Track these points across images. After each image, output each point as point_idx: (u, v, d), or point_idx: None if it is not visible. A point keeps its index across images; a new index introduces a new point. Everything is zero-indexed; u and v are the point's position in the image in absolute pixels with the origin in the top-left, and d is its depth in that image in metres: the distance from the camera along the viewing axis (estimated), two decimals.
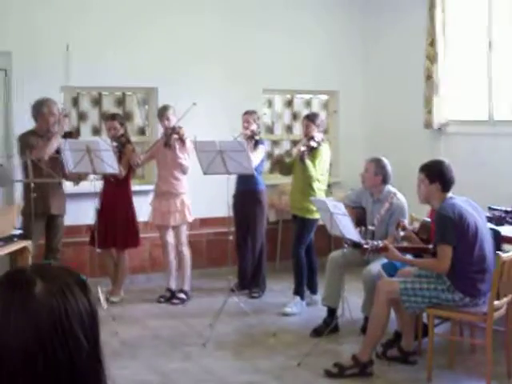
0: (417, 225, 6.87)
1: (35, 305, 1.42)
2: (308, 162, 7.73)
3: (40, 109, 7.92)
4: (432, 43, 9.11)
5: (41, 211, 7.68)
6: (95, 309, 1.52)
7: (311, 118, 8.08)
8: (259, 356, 6.65)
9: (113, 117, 8.55)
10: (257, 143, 8.44)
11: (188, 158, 8.29)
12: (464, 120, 9.18)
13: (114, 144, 7.98)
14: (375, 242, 6.00)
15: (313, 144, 7.82)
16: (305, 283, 8.17)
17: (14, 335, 1.41)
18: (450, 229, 5.68)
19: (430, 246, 6.05)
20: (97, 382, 1.48)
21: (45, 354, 1.40)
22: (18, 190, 8.17)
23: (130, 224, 8.45)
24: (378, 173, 7.15)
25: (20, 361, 1.40)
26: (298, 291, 8.14)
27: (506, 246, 6.62)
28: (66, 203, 8.19)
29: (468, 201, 5.96)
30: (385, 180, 7.18)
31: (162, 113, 8.38)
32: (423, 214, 6.96)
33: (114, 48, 9.12)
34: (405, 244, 6.33)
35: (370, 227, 6.80)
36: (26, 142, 7.81)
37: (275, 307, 8.19)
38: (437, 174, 5.95)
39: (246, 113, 8.60)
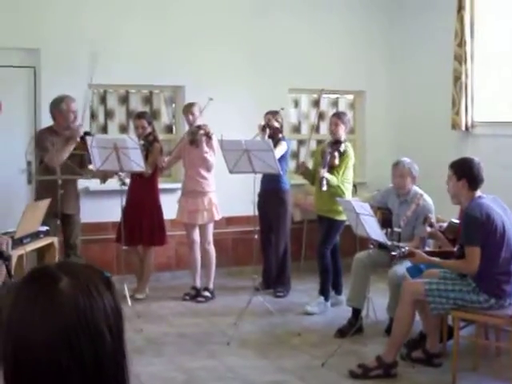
0: (445, 225, 6.83)
1: (61, 300, 1.43)
2: (330, 179, 7.67)
3: (58, 106, 7.97)
4: (460, 44, 9.07)
5: (54, 210, 7.64)
6: (120, 305, 1.53)
7: (340, 116, 8.07)
8: (283, 356, 6.65)
9: (140, 115, 8.58)
10: (279, 140, 8.43)
11: (213, 155, 8.30)
12: (491, 121, 9.13)
13: (142, 142, 8.01)
14: (402, 249, 5.97)
15: (336, 162, 7.77)
16: (330, 284, 8.16)
17: (39, 330, 1.42)
18: (477, 229, 5.66)
19: (455, 249, 6.03)
20: (121, 377, 1.49)
21: (70, 349, 1.41)
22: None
23: (156, 222, 8.48)
24: (412, 175, 7.16)
25: (45, 355, 1.42)
26: (323, 292, 8.13)
27: None
28: (79, 201, 8.22)
29: (496, 200, 5.93)
30: (413, 181, 7.17)
31: (187, 108, 8.41)
32: (449, 215, 6.91)
33: (141, 46, 9.16)
34: (429, 245, 6.30)
35: (396, 229, 6.78)
36: (42, 142, 7.83)
37: (300, 307, 8.19)
38: (465, 171, 5.92)
39: (268, 113, 8.59)
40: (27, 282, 1.50)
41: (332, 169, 7.78)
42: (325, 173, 7.65)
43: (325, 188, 7.62)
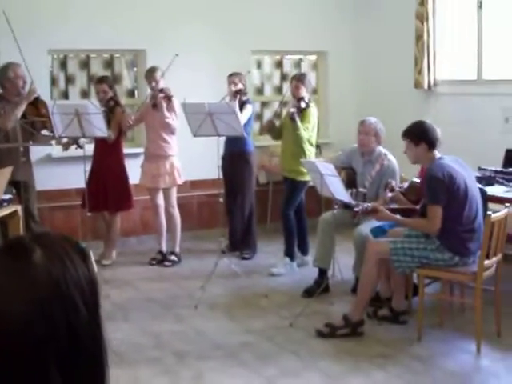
0: (406, 185, 6.88)
1: (34, 272, 1.42)
2: (299, 123, 7.70)
3: (6, 74, 7.88)
4: (422, 2, 9.07)
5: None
6: (95, 277, 1.52)
7: (300, 79, 8.03)
8: (251, 317, 6.70)
9: (101, 80, 8.49)
10: (244, 103, 8.40)
11: (176, 118, 8.26)
12: (453, 80, 9.17)
13: (103, 107, 7.94)
14: (365, 205, 6.03)
15: (302, 105, 7.79)
16: (295, 244, 8.19)
17: (13, 303, 1.41)
18: (439, 190, 5.70)
19: (418, 207, 6.08)
20: (95, 347, 1.49)
21: (45, 320, 1.41)
22: None
23: (122, 187, 8.44)
24: (376, 134, 7.15)
25: (19, 328, 1.41)
26: (288, 252, 8.17)
27: (494, 206, 6.64)
28: (32, 168, 8.14)
29: (457, 160, 5.97)
30: (378, 141, 7.18)
31: (150, 74, 8.33)
32: (413, 174, 6.97)
33: (101, 9, 9.03)
34: (393, 205, 6.34)
35: (362, 189, 6.82)
36: None
37: (266, 268, 8.22)
38: (421, 135, 5.94)
39: (232, 75, 8.54)
40: (1, 253, 1.49)
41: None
42: (294, 109, 7.69)
43: (297, 119, 7.63)
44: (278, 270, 8.09)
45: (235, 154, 8.56)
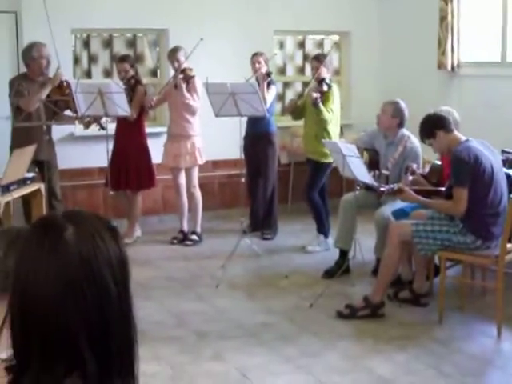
0: (427, 168, 6.86)
1: (65, 249, 1.44)
2: (322, 108, 7.67)
3: (30, 53, 7.90)
4: None
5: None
6: (125, 255, 1.54)
7: (320, 59, 7.99)
8: (271, 297, 6.72)
9: (123, 59, 8.49)
10: (269, 84, 8.38)
11: (197, 98, 8.25)
12: (477, 62, 9.10)
13: (124, 87, 7.95)
14: (391, 185, 6.01)
15: (324, 88, 7.75)
16: (326, 221, 8.17)
17: (44, 278, 1.43)
18: (465, 171, 5.67)
19: (443, 189, 6.06)
20: (126, 325, 1.50)
21: (74, 296, 1.43)
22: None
23: (144, 166, 8.46)
24: (395, 115, 7.10)
25: (51, 309, 1.43)
26: (321, 230, 8.18)
27: None
28: (54, 147, 8.17)
29: (484, 143, 5.94)
30: (401, 123, 7.14)
31: (172, 54, 8.32)
32: (435, 157, 6.94)
33: None
34: (419, 187, 6.32)
35: (384, 171, 6.79)
36: (16, 87, 7.76)
37: (287, 249, 8.25)
38: (432, 128, 5.92)
39: (256, 54, 8.50)
40: (33, 231, 1.51)
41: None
42: (317, 94, 7.64)
43: (321, 106, 7.60)
44: (312, 247, 8.11)
45: (258, 135, 8.55)
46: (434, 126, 5.93)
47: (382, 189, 6.03)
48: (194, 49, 7.84)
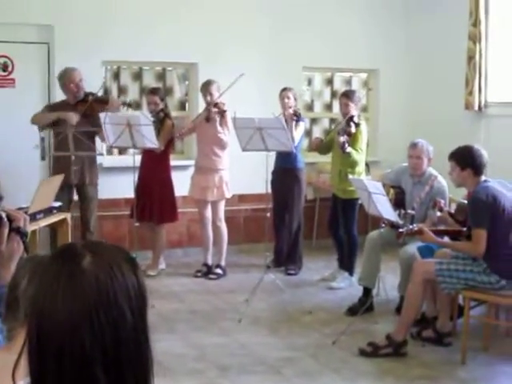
0: (454, 207, 6.84)
1: (82, 278, 1.46)
2: (351, 151, 7.67)
3: (62, 80, 8.10)
4: (475, 23, 9.02)
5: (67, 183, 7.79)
6: (144, 288, 1.54)
7: (348, 96, 8.02)
8: (294, 333, 6.70)
9: (153, 91, 8.58)
10: (297, 120, 8.42)
11: (228, 133, 8.30)
12: (505, 102, 9.10)
13: (152, 119, 8.02)
14: (410, 226, 6.00)
15: (352, 130, 7.73)
16: (355, 260, 8.14)
17: (61, 307, 1.45)
18: (483, 212, 5.67)
19: (464, 229, 6.04)
20: (141, 355, 1.51)
21: (91, 326, 1.44)
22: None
23: (167, 199, 8.50)
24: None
25: (66, 332, 1.44)
26: (348, 267, 8.16)
27: None
28: (95, 174, 8.31)
29: (502, 182, 5.93)
30: (428, 162, 7.15)
31: (206, 88, 8.37)
32: (461, 195, 6.93)
33: (155, 22, 9.14)
34: (440, 227, 6.30)
35: (410, 211, 6.77)
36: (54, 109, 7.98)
37: (311, 285, 8.23)
38: (468, 161, 5.91)
39: (285, 89, 8.54)
40: (53, 258, 1.53)
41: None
42: (344, 137, 7.63)
43: (348, 150, 7.60)
44: (337, 283, 8.09)
45: (286, 170, 8.58)
46: (470, 160, 5.90)
47: (400, 230, 6.01)
48: (232, 83, 7.87)
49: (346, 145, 7.57)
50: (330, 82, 10.75)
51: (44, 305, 1.47)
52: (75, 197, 8.14)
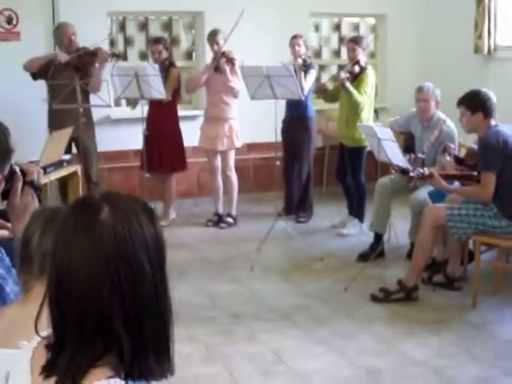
0: (464, 152, 6.82)
1: (101, 229, 1.46)
2: (351, 89, 7.65)
3: (56, 34, 8.14)
4: None
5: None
6: (161, 237, 1.55)
7: (356, 40, 7.97)
8: (306, 280, 6.75)
9: (157, 40, 8.51)
10: (308, 68, 8.35)
11: (238, 81, 8.24)
12: None
13: (157, 68, 7.97)
14: (421, 170, 5.99)
15: (356, 70, 7.72)
16: (365, 207, 8.16)
17: (79, 257, 1.46)
18: (493, 156, 5.66)
19: (475, 173, 6.02)
20: (160, 305, 1.53)
21: (109, 276, 1.45)
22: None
23: (176, 149, 8.49)
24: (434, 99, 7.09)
25: (85, 283, 1.45)
26: (358, 214, 8.19)
27: None
28: (94, 131, 8.28)
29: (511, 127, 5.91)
30: (436, 106, 7.10)
31: (212, 37, 8.31)
32: (471, 140, 6.90)
33: None
34: (451, 172, 6.29)
35: (420, 155, 6.75)
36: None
37: (322, 232, 8.26)
38: (478, 104, 5.88)
39: (295, 37, 8.43)
40: (70, 211, 1.53)
41: (352, 83, 7.74)
42: (345, 74, 7.65)
43: (347, 84, 7.60)
44: (347, 230, 8.12)
45: (296, 119, 8.53)
46: (480, 104, 5.87)
47: (411, 174, 6.00)
48: (236, 22, 7.74)
49: (346, 80, 7.59)
50: (337, 27, 10.66)
51: (63, 258, 1.48)
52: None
